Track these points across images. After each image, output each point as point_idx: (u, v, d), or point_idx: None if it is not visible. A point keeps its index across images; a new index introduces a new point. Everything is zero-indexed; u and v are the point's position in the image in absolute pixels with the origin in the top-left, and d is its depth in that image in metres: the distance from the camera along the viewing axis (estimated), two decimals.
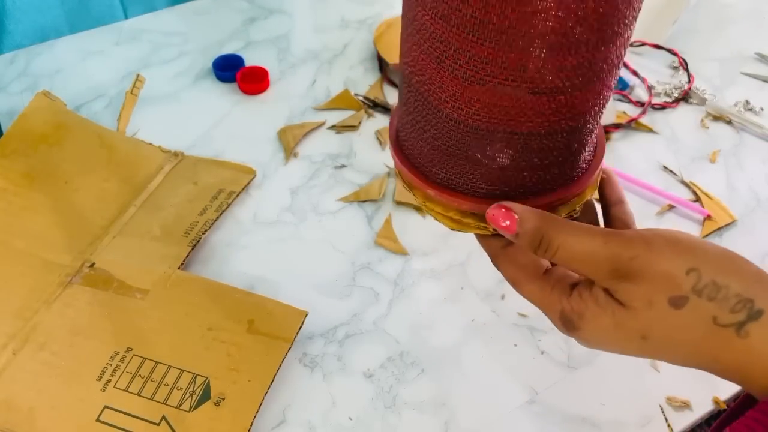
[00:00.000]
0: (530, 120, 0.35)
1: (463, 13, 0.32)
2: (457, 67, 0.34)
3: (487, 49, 0.33)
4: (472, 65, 0.34)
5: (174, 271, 0.61)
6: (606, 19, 0.33)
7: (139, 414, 0.52)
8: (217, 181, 0.70)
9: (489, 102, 0.35)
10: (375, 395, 0.57)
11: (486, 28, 0.32)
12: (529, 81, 0.34)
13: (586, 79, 0.35)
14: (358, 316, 0.61)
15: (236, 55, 0.86)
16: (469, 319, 0.62)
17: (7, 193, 0.67)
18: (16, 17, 0.85)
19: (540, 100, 0.35)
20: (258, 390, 0.53)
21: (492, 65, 0.33)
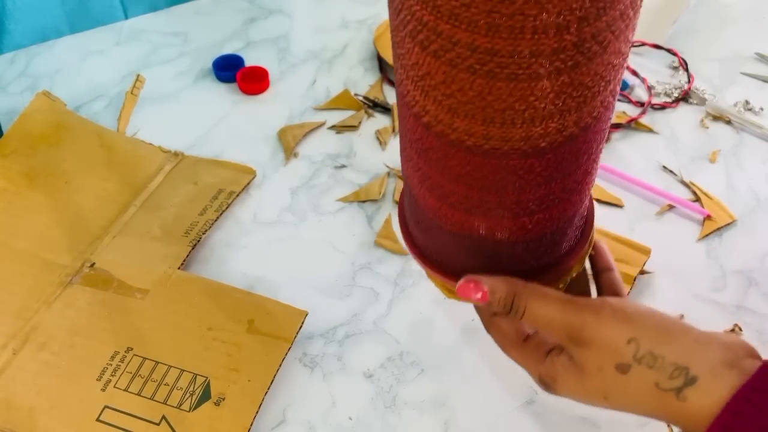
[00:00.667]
0: (510, 233, 0.39)
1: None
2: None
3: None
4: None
5: (174, 271, 0.61)
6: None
7: (139, 414, 0.52)
8: (217, 181, 0.70)
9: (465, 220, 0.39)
10: (375, 395, 0.57)
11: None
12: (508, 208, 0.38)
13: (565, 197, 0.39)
14: (358, 316, 0.62)
15: (236, 55, 0.86)
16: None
17: (8, 193, 0.67)
18: (16, 17, 0.85)
19: (520, 221, 0.39)
20: (258, 390, 0.53)
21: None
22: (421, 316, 0.62)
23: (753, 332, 0.61)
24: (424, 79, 0.33)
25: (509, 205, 0.37)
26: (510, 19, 0.29)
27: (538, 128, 0.33)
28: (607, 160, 0.76)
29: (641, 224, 0.69)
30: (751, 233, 0.70)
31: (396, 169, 0.74)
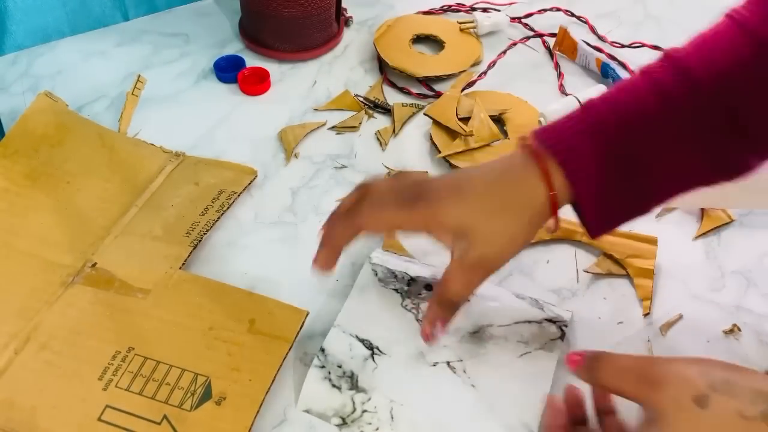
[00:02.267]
0: None
1: None
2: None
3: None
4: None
5: (175, 271, 0.61)
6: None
7: (140, 413, 0.52)
8: (219, 181, 0.70)
9: None
10: None
11: None
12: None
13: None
14: None
15: (237, 56, 0.86)
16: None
17: (9, 193, 0.67)
18: (17, 18, 0.85)
19: None
20: (259, 389, 0.53)
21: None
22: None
23: (752, 333, 0.62)
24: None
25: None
26: None
27: None
28: None
29: (640, 225, 0.69)
30: (749, 233, 0.70)
31: (396, 169, 0.74)
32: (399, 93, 0.85)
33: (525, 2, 0.97)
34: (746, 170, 0.50)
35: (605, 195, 0.50)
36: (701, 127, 0.48)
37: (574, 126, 0.50)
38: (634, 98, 0.49)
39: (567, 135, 0.50)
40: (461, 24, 0.92)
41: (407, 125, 0.80)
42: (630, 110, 0.49)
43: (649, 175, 0.49)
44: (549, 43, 0.92)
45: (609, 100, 0.50)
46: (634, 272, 0.65)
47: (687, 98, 0.48)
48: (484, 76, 0.86)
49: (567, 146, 0.49)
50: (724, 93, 0.47)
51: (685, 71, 0.48)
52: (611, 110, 0.50)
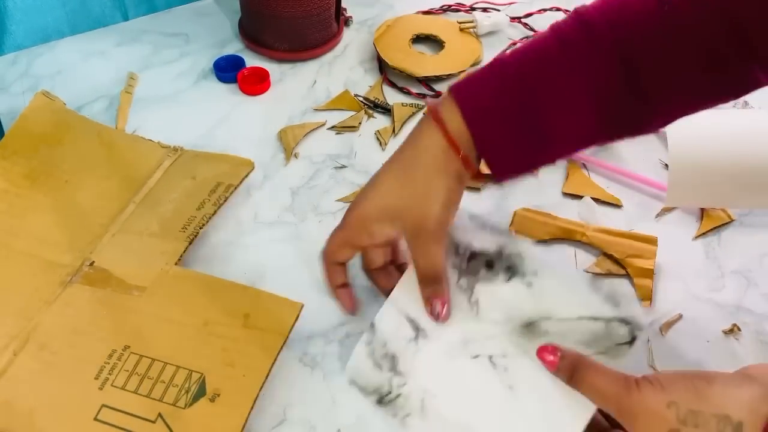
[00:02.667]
0: None
1: None
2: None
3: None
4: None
5: (171, 267, 0.61)
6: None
7: (135, 412, 0.52)
8: (215, 174, 0.70)
9: None
10: None
11: None
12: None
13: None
14: (358, 315, 0.62)
15: (237, 56, 0.86)
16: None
17: (9, 194, 0.67)
18: (17, 18, 0.85)
19: None
20: (253, 385, 0.53)
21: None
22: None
23: (752, 332, 0.61)
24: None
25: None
26: None
27: None
28: (607, 159, 0.76)
29: (640, 225, 0.69)
30: (749, 233, 0.70)
31: None
32: (399, 93, 0.84)
33: (525, 2, 0.97)
34: (645, 130, 0.52)
35: (504, 135, 0.52)
36: (598, 78, 0.50)
37: (477, 74, 0.53)
38: (535, 46, 0.52)
39: (469, 81, 0.52)
40: (461, 24, 0.91)
41: (407, 125, 0.80)
42: (530, 56, 0.52)
43: (548, 119, 0.51)
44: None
45: (515, 51, 0.53)
46: (634, 272, 0.65)
47: (584, 44, 0.50)
48: None
49: (466, 91, 0.52)
50: (623, 45, 0.49)
51: (587, 21, 0.50)
52: (514, 57, 0.52)
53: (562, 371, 0.49)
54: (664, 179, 0.68)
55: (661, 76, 0.50)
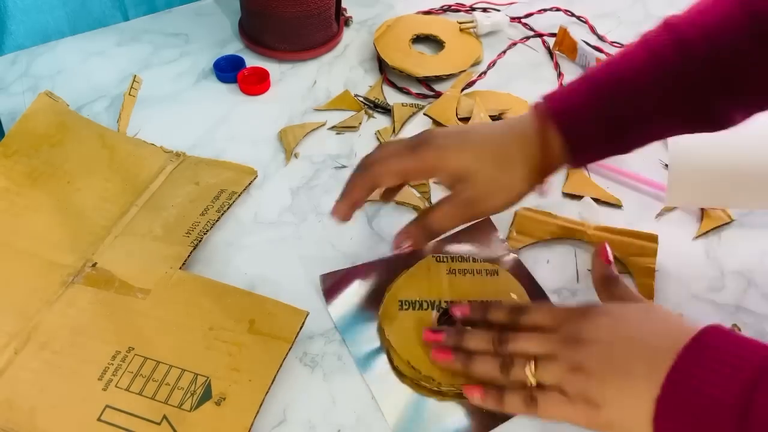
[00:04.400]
0: None
1: None
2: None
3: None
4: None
5: (175, 271, 0.61)
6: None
7: (140, 414, 0.52)
8: (219, 181, 0.70)
9: None
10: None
11: None
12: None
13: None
14: None
15: (237, 56, 0.86)
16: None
17: (10, 193, 0.67)
18: (17, 18, 0.85)
19: None
20: (259, 390, 0.53)
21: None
22: None
23: (752, 332, 0.62)
24: None
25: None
26: None
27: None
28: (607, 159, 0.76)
29: (640, 225, 0.69)
30: (749, 233, 0.70)
31: None
32: (399, 93, 0.85)
33: (525, 2, 0.97)
34: (729, 122, 0.55)
35: (597, 152, 0.58)
36: (689, 81, 0.53)
37: (574, 88, 0.57)
38: (628, 58, 0.56)
39: (566, 96, 0.57)
40: (461, 24, 0.92)
41: (407, 125, 0.80)
42: (623, 67, 0.55)
43: (637, 122, 0.56)
44: (549, 43, 0.92)
45: (607, 62, 0.57)
46: (636, 271, 0.65)
47: (675, 55, 0.53)
48: (484, 76, 0.86)
49: (565, 107, 0.56)
50: (713, 55, 0.52)
51: (678, 34, 0.54)
52: (607, 69, 0.56)
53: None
54: (664, 179, 0.68)
55: (748, 76, 0.53)
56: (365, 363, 0.58)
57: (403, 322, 0.59)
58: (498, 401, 0.52)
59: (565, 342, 0.51)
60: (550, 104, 0.57)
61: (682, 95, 0.54)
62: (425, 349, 0.57)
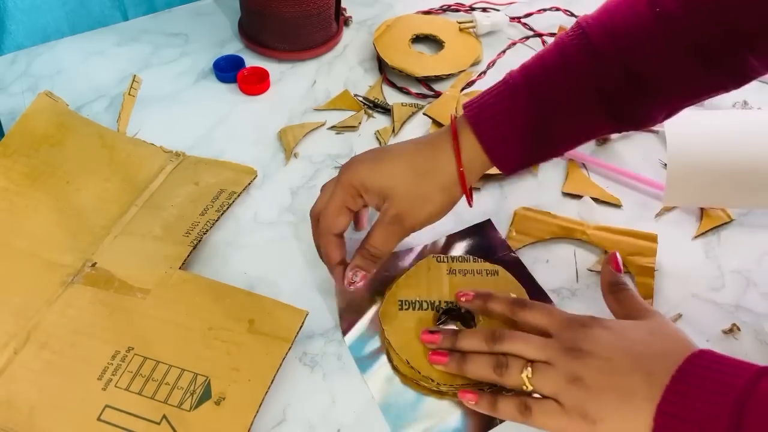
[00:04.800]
0: None
1: None
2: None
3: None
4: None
5: (175, 271, 0.61)
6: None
7: (139, 413, 0.52)
8: (218, 181, 0.70)
9: None
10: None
11: None
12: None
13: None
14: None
15: (237, 56, 0.86)
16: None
17: (9, 192, 0.67)
18: (17, 18, 0.85)
19: None
20: (258, 389, 0.53)
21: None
22: None
23: (751, 332, 0.62)
24: None
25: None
26: None
27: None
28: (607, 159, 0.76)
29: (640, 225, 0.69)
30: (749, 233, 0.70)
31: None
32: (398, 93, 0.85)
33: (524, 2, 0.97)
34: (651, 123, 0.57)
35: (518, 151, 0.58)
36: (605, 83, 0.55)
37: (491, 94, 0.58)
38: (541, 62, 0.57)
39: (483, 103, 0.58)
40: (461, 24, 0.92)
41: (407, 125, 0.80)
42: (537, 72, 0.57)
43: (558, 127, 0.57)
44: (548, 43, 0.92)
45: (522, 66, 0.58)
46: (636, 270, 0.65)
47: (587, 59, 0.55)
48: (484, 75, 0.86)
49: (479, 111, 0.57)
50: (622, 53, 0.54)
51: (588, 37, 0.55)
52: (522, 75, 0.57)
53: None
54: (663, 179, 0.68)
55: (660, 74, 0.54)
56: (365, 363, 0.58)
57: (402, 322, 0.59)
58: (492, 406, 0.52)
59: (563, 350, 0.51)
60: (465, 111, 0.58)
61: (598, 97, 0.55)
62: (424, 350, 0.57)
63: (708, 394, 0.44)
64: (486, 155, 0.58)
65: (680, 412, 0.45)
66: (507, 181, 0.74)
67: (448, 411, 0.55)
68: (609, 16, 0.55)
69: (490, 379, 0.53)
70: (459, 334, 0.56)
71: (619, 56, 0.54)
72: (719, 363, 0.47)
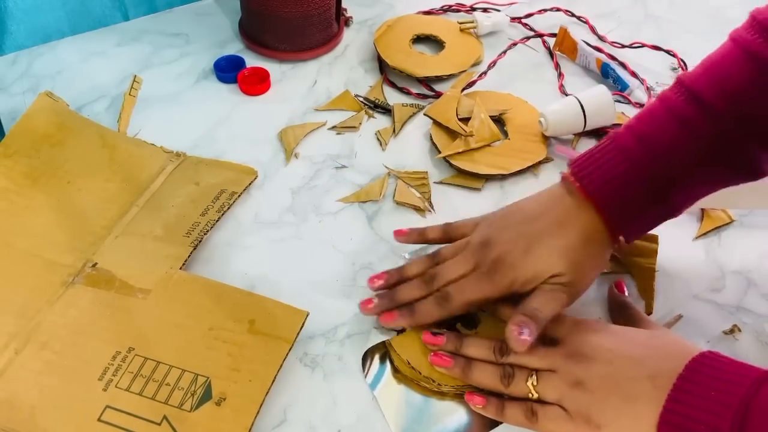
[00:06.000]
0: None
1: None
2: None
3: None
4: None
5: (176, 271, 0.61)
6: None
7: (140, 414, 0.52)
8: (219, 181, 0.70)
9: None
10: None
11: None
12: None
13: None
14: (358, 315, 0.62)
15: (237, 56, 0.86)
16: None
17: (10, 193, 0.67)
18: (18, 18, 0.85)
19: None
20: (259, 390, 0.53)
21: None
22: None
23: (752, 333, 0.62)
24: None
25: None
26: None
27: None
28: None
29: None
30: (749, 234, 0.70)
31: (396, 169, 0.74)
32: (399, 93, 0.85)
33: (525, 2, 0.97)
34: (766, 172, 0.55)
35: (639, 222, 0.56)
36: (721, 143, 0.53)
37: (611, 170, 0.56)
38: (658, 129, 0.55)
39: (608, 183, 0.55)
40: (461, 24, 0.92)
41: (407, 125, 0.80)
42: (657, 142, 0.54)
43: (679, 191, 0.55)
44: (549, 43, 0.92)
45: (636, 134, 0.56)
46: (636, 271, 0.65)
47: (704, 121, 0.53)
48: (484, 76, 0.86)
49: (609, 195, 0.55)
50: (735, 110, 0.52)
51: (698, 96, 0.53)
52: (640, 143, 0.55)
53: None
54: None
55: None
56: (365, 363, 0.58)
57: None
58: (499, 411, 0.53)
59: (567, 356, 0.52)
60: (591, 189, 0.56)
61: (717, 155, 0.54)
62: (425, 350, 0.57)
63: (709, 403, 0.45)
64: (612, 234, 0.56)
65: (683, 422, 0.45)
66: (507, 181, 0.74)
67: (449, 412, 0.55)
68: (712, 71, 0.54)
69: (496, 389, 0.54)
70: (464, 339, 0.56)
71: (733, 111, 0.53)
72: (720, 369, 0.47)
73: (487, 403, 0.53)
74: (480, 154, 0.75)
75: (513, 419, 0.53)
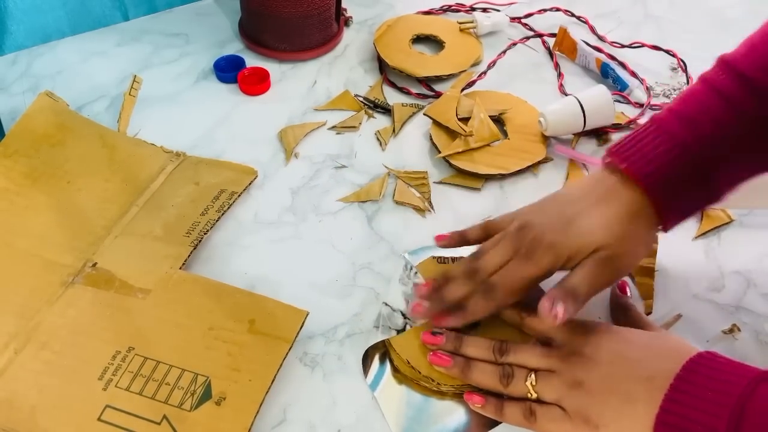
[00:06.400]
0: None
1: None
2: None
3: None
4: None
5: (176, 271, 0.61)
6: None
7: (140, 413, 0.52)
8: (219, 181, 0.70)
9: None
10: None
11: None
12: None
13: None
14: (358, 315, 0.62)
15: (237, 56, 0.86)
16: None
17: (10, 193, 0.67)
18: (17, 18, 0.85)
19: None
20: (259, 389, 0.53)
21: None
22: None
23: (751, 332, 0.62)
24: None
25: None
26: None
27: None
28: None
29: None
30: (749, 233, 0.70)
31: (396, 169, 0.74)
32: (399, 93, 0.85)
33: (525, 2, 0.98)
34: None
35: (684, 204, 0.55)
36: (766, 126, 0.53)
37: (654, 150, 0.54)
38: (702, 109, 0.54)
39: (657, 165, 0.54)
40: (461, 24, 0.92)
41: (407, 125, 0.80)
42: (701, 122, 0.54)
43: (722, 174, 0.54)
44: (549, 43, 0.92)
45: (680, 115, 0.55)
46: (636, 271, 0.65)
47: (748, 98, 0.53)
48: (484, 76, 0.86)
49: (656, 177, 0.53)
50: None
51: (741, 73, 0.53)
52: (685, 126, 0.54)
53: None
54: None
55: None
56: (365, 363, 0.58)
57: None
58: (498, 410, 0.53)
59: (566, 356, 0.52)
60: (634, 169, 0.54)
61: (761, 138, 0.53)
62: (425, 350, 0.57)
63: (706, 403, 0.45)
64: (658, 219, 0.55)
65: (679, 423, 0.45)
66: (507, 180, 0.74)
67: (449, 412, 0.55)
68: (753, 49, 0.54)
69: (495, 389, 0.54)
70: (464, 339, 0.56)
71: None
72: (717, 369, 0.47)
73: (486, 403, 0.53)
74: (480, 153, 0.75)
75: (512, 419, 0.53)
